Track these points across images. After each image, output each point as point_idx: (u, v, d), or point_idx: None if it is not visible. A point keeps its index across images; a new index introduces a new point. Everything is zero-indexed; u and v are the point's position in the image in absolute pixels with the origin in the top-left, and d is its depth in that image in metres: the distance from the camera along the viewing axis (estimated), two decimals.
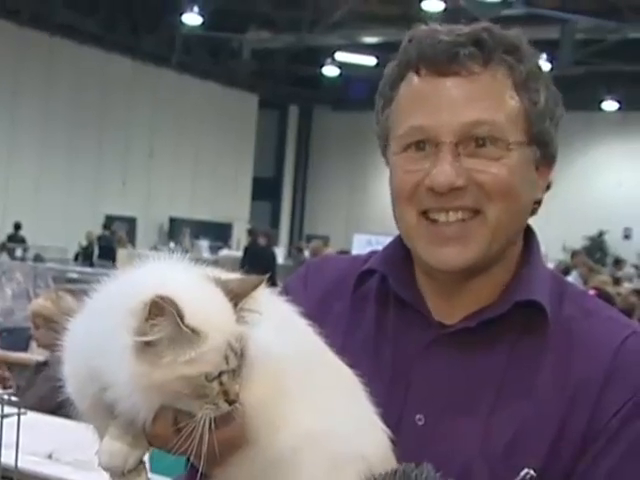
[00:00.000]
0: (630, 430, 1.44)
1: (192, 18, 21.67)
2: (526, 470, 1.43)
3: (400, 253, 1.64)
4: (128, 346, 1.18)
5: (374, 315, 1.63)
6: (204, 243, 22.72)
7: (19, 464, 3.24)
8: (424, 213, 1.52)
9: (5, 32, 21.89)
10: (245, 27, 23.66)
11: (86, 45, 23.53)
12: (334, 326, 1.59)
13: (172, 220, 26.43)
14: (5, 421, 1.62)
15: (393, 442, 1.41)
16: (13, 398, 1.60)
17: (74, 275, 12.43)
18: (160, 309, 1.16)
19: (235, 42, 24.15)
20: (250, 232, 17.98)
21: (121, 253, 18.40)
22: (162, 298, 1.16)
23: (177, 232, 25.15)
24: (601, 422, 1.45)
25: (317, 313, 1.58)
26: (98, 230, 21.01)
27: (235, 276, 1.32)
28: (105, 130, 24.48)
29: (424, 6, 17.92)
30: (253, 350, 1.25)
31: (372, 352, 1.58)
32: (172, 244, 22.58)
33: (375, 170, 24.84)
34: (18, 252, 17.73)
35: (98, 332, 1.22)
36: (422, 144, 1.51)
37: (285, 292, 1.71)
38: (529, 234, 1.62)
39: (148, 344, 1.17)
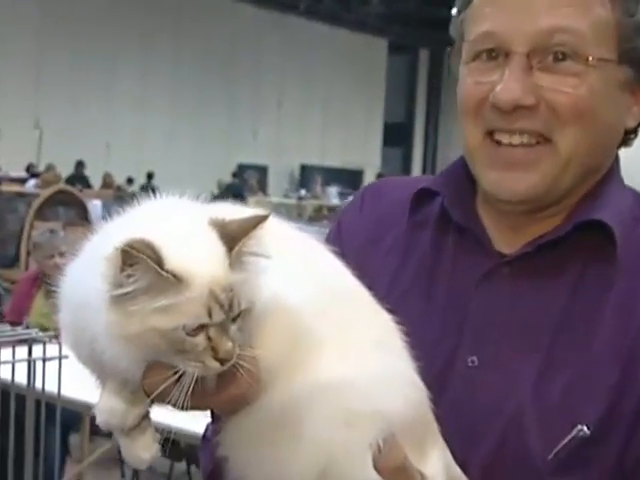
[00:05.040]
0: None
1: None
2: (579, 427, 1.27)
3: (462, 174, 1.47)
4: (104, 296, 1.05)
5: (431, 242, 1.47)
6: (333, 190, 22.71)
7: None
8: (490, 133, 1.35)
9: None
10: None
11: None
12: (389, 252, 1.47)
13: (303, 167, 26.59)
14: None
15: (432, 400, 1.23)
16: (54, 340, 1.52)
17: None
18: (133, 257, 1.02)
19: None
20: (379, 177, 17.87)
21: (251, 201, 18.56)
22: (133, 245, 1.02)
23: (308, 179, 25.32)
24: None
25: (372, 239, 1.47)
26: (230, 178, 21.24)
27: (246, 213, 1.14)
28: (234, 80, 24.71)
29: None
30: (260, 300, 1.10)
31: (426, 284, 1.44)
32: (303, 191, 22.75)
33: None
34: None
35: (83, 280, 1.10)
36: (494, 52, 1.33)
37: (339, 219, 1.59)
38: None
39: (124, 293, 1.04)
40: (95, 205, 11.90)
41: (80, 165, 19.36)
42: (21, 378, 1.60)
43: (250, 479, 1.16)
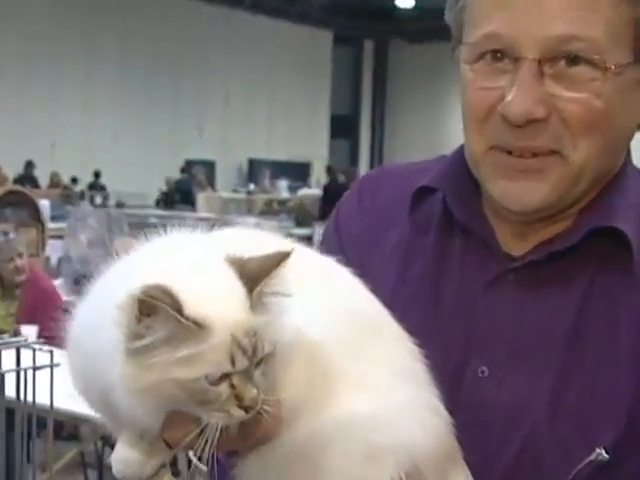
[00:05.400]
0: None
1: None
2: (598, 450, 1.21)
3: (463, 170, 1.37)
4: (118, 345, 0.99)
5: (435, 247, 1.39)
6: (283, 183, 22.62)
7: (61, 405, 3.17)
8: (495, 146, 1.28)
9: None
10: None
11: None
12: (390, 254, 1.40)
13: (251, 162, 26.45)
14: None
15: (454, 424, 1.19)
16: (45, 347, 1.47)
17: (154, 220, 12.43)
18: (151, 307, 0.96)
19: None
20: (329, 170, 17.88)
21: (201, 197, 18.44)
22: (150, 293, 0.96)
23: (256, 173, 25.18)
24: None
25: (373, 232, 1.41)
26: (178, 175, 21.10)
27: (262, 242, 1.10)
28: (180, 76, 24.50)
29: None
30: (283, 337, 1.05)
31: (431, 292, 1.36)
32: (251, 185, 22.66)
33: (456, 103, 24.37)
34: (98, 199, 17.85)
35: (95, 325, 1.04)
36: (499, 53, 1.24)
37: (336, 214, 1.52)
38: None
39: (142, 346, 0.98)
40: (44, 205, 11.76)
41: (29, 165, 19.17)
42: (7, 388, 1.54)
43: None
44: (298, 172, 26.13)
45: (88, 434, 5.38)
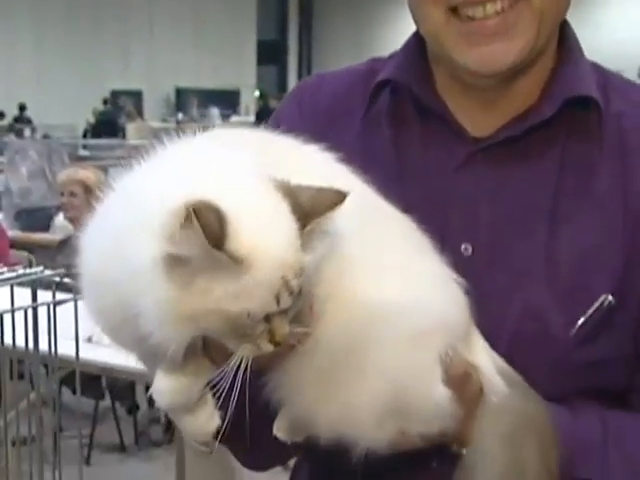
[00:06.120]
0: None
1: None
2: (604, 296, 1.24)
3: (417, 58, 1.39)
4: (155, 262, 0.91)
5: (392, 142, 1.37)
6: (215, 111, 22.33)
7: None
8: (454, 10, 1.26)
9: None
10: None
11: None
12: (347, 156, 1.31)
13: (178, 91, 26.14)
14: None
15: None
16: (65, 280, 1.29)
17: (86, 153, 12.25)
18: (192, 221, 0.89)
19: None
20: (261, 96, 17.66)
21: (130, 127, 18.11)
22: (200, 210, 0.89)
23: (184, 102, 24.93)
24: None
25: (320, 135, 1.31)
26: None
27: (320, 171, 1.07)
28: (102, 5, 23.98)
29: None
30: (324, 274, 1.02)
31: (396, 182, 1.32)
32: (180, 115, 22.34)
33: (382, 27, 24.28)
34: (27, 132, 17.44)
35: (119, 249, 0.95)
36: None
37: (277, 121, 1.43)
38: (563, 26, 1.37)
39: (179, 263, 0.91)
40: None
41: None
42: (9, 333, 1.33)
43: (317, 419, 1.10)
44: (227, 100, 25.89)
45: (42, 374, 5.21)
